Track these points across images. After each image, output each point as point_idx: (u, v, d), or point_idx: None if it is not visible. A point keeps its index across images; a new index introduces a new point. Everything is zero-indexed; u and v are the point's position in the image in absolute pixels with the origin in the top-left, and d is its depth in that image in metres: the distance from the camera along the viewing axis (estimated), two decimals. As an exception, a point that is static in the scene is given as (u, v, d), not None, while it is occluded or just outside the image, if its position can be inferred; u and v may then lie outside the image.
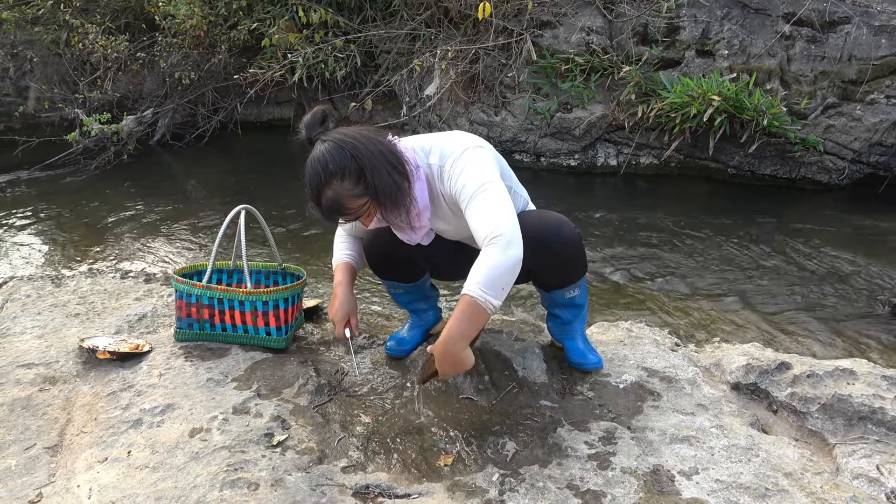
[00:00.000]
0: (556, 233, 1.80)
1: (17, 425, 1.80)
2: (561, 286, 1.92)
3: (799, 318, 3.08)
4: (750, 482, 1.57)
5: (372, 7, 5.94)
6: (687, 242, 3.96)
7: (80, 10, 6.34)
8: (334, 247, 2.05)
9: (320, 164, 1.60)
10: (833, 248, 3.85)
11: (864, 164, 4.70)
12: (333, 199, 1.60)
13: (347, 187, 1.60)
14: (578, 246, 1.85)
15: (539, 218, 1.81)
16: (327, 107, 1.74)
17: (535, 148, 5.34)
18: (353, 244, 2.03)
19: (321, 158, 1.60)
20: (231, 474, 1.59)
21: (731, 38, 4.88)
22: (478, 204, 1.60)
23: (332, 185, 1.59)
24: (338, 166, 1.59)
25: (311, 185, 1.61)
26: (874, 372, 1.97)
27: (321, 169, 1.59)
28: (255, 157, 6.05)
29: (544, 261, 1.80)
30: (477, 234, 1.58)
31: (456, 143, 1.73)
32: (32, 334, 2.30)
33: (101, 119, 5.51)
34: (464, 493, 1.56)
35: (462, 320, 1.55)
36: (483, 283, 1.51)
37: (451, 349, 1.58)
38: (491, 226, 1.55)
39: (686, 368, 2.06)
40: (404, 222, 1.71)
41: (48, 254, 3.95)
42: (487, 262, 1.52)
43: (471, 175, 1.64)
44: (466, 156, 1.69)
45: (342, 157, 1.59)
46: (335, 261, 2.02)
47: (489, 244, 1.54)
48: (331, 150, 1.60)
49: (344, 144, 1.61)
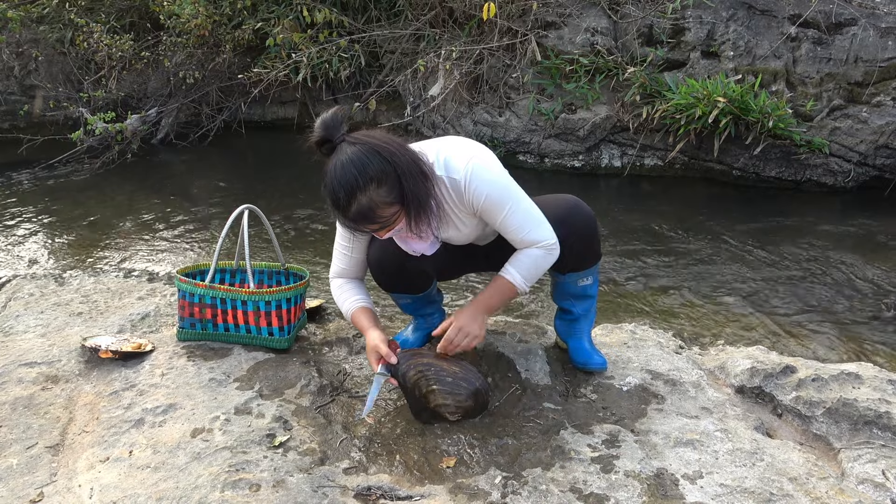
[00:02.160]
0: (574, 210, 1.86)
1: (19, 424, 1.79)
2: (577, 269, 1.93)
3: (804, 322, 3.07)
4: (754, 487, 1.56)
5: (376, 7, 5.94)
6: (691, 244, 3.95)
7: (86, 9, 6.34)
8: (339, 297, 1.93)
9: (356, 168, 1.51)
10: (838, 250, 3.84)
11: (870, 166, 4.67)
12: (367, 207, 1.53)
13: (383, 194, 1.53)
14: (595, 225, 1.91)
15: (557, 198, 1.89)
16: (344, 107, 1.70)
17: (539, 149, 5.33)
18: (360, 288, 1.94)
19: (358, 162, 1.51)
20: (233, 475, 1.59)
21: (736, 40, 4.86)
22: (517, 220, 1.71)
23: (369, 191, 1.52)
24: (377, 172, 1.52)
25: (344, 189, 1.51)
26: (880, 376, 1.95)
27: (358, 173, 1.50)
28: (258, 156, 6.06)
29: (564, 236, 1.80)
30: (522, 243, 1.75)
31: (458, 154, 1.70)
32: (35, 333, 2.30)
33: (106, 118, 5.51)
34: (466, 495, 1.56)
35: (495, 296, 1.80)
36: (525, 274, 1.76)
37: (480, 318, 1.78)
38: (535, 236, 1.73)
39: (690, 371, 2.05)
40: (424, 232, 1.67)
41: (51, 252, 3.96)
42: (533, 259, 1.75)
43: (496, 190, 1.68)
44: (477, 169, 1.67)
45: (381, 163, 1.52)
46: (349, 309, 1.90)
47: (538, 247, 1.74)
48: (368, 153, 1.52)
49: (380, 150, 1.54)
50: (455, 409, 1.75)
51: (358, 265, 1.92)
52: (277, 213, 4.42)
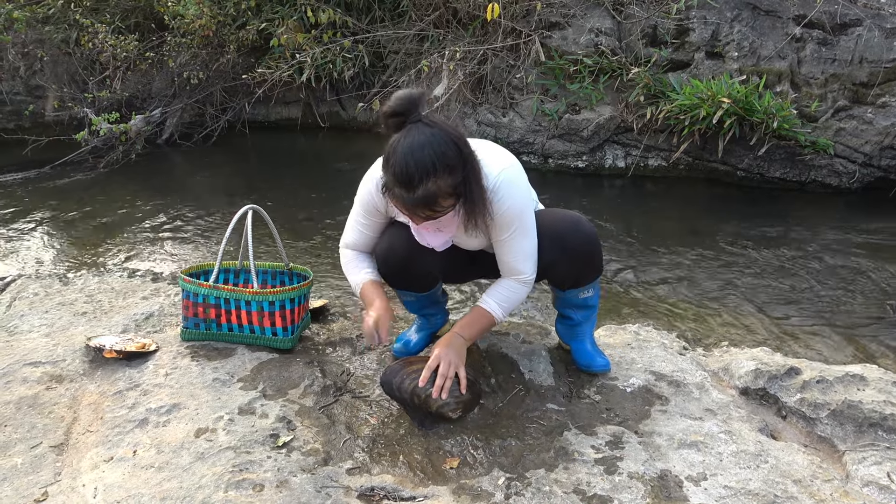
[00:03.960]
0: (574, 229, 1.82)
1: (23, 423, 1.80)
2: (576, 285, 1.92)
3: (808, 323, 3.06)
4: (759, 489, 1.56)
5: (380, 7, 5.94)
6: (695, 245, 3.94)
7: (91, 9, 6.37)
8: (347, 266, 1.92)
9: (435, 152, 1.47)
10: (843, 252, 3.82)
11: (875, 167, 4.66)
12: (433, 193, 1.50)
13: (450, 184, 1.51)
14: (595, 244, 1.87)
15: (558, 216, 1.86)
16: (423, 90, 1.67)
17: (542, 149, 5.32)
18: (370, 261, 1.92)
19: (437, 147, 1.48)
20: (236, 475, 1.59)
21: (741, 40, 4.85)
22: (515, 243, 1.75)
23: (440, 178, 1.49)
24: (453, 161, 1.50)
25: (419, 170, 1.47)
26: (885, 378, 1.95)
27: (435, 158, 1.47)
28: (262, 157, 6.06)
29: (562, 257, 1.81)
30: (507, 267, 1.80)
31: (493, 161, 1.69)
32: (40, 332, 2.31)
33: (110, 118, 5.53)
34: (469, 496, 1.55)
35: (474, 326, 1.84)
36: (504, 304, 1.82)
37: (458, 348, 1.79)
38: (522, 267, 1.78)
39: (694, 373, 2.04)
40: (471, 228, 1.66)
41: (56, 252, 3.97)
42: (512, 291, 1.82)
43: (514, 210, 1.69)
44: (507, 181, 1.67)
45: (457, 154, 1.51)
46: (359, 280, 1.89)
47: (516, 279, 1.80)
48: (447, 140, 1.50)
49: (458, 141, 1.53)
50: (455, 405, 1.76)
51: (370, 242, 1.90)
52: (281, 213, 4.43)
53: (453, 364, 1.75)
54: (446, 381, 1.73)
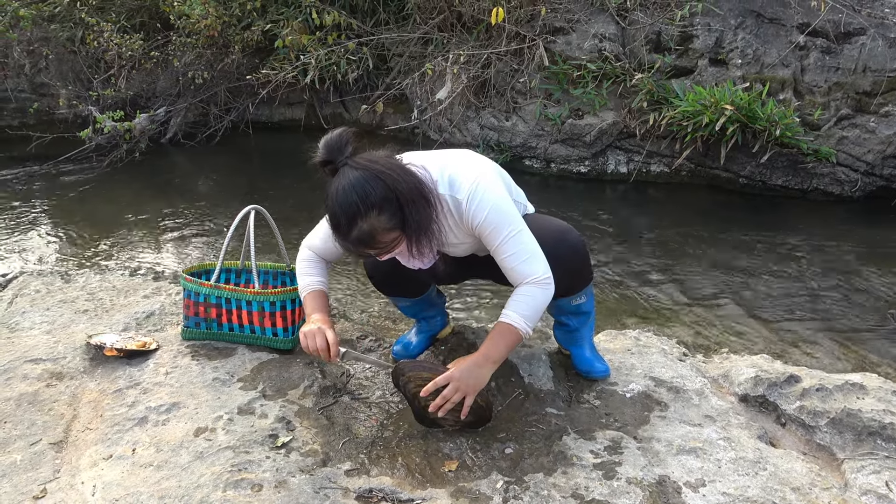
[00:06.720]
0: (561, 240, 1.80)
1: (23, 420, 1.80)
2: (567, 294, 1.91)
3: (809, 331, 3.06)
4: (757, 496, 1.56)
5: (385, 10, 5.95)
6: (696, 252, 3.94)
7: (96, 8, 6.38)
8: (301, 270, 1.89)
9: (358, 194, 1.49)
10: (844, 260, 3.82)
11: (878, 176, 4.66)
12: (368, 233, 1.52)
13: (384, 221, 1.52)
14: (583, 253, 1.85)
15: (544, 225, 1.81)
16: (354, 129, 1.67)
17: (545, 154, 5.32)
18: (322, 267, 1.90)
19: (359, 188, 1.49)
20: (235, 475, 1.59)
21: (744, 48, 4.86)
22: (512, 248, 1.67)
23: (370, 218, 1.50)
24: (378, 199, 1.50)
25: (345, 215, 1.51)
26: (885, 387, 1.94)
27: (359, 200, 1.49)
28: (265, 157, 6.08)
29: (551, 267, 1.78)
30: (516, 273, 1.69)
31: (463, 172, 1.68)
32: (41, 330, 2.31)
33: (115, 117, 5.54)
34: (467, 499, 1.56)
35: (500, 344, 1.70)
36: (528, 316, 1.68)
37: (477, 371, 1.68)
38: (530, 269, 1.68)
39: (694, 379, 2.04)
40: (426, 254, 1.65)
41: (58, 250, 3.98)
42: (531, 296, 1.68)
43: (495, 215, 1.65)
44: (480, 190, 1.65)
45: (383, 190, 1.51)
46: (306, 287, 1.87)
47: (531, 283, 1.68)
48: (369, 179, 1.51)
49: (382, 175, 1.52)
50: (454, 422, 1.76)
51: (334, 252, 1.86)
52: (283, 213, 4.43)
53: (461, 391, 1.67)
54: (447, 403, 1.67)
